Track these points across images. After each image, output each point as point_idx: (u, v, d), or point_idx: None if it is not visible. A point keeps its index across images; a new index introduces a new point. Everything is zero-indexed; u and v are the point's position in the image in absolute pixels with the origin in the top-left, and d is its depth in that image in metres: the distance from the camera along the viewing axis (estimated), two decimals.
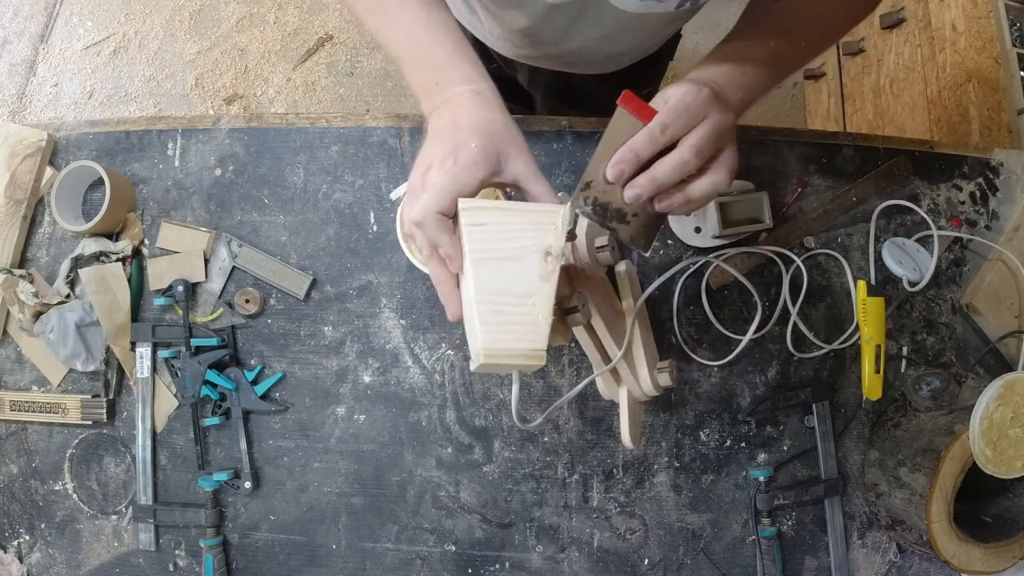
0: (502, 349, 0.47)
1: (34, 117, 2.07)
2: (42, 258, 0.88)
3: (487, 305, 0.48)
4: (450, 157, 0.50)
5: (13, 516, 0.85)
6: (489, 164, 0.51)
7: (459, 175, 0.49)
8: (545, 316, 0.48)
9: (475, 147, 0.50)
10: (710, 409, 0.84)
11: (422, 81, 0.55)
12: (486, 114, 0.52)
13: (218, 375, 0.83)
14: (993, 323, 0.85)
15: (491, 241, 0.49)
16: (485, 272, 0.48)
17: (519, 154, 0.52)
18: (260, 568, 0.83)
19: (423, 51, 0.55)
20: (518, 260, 0.49)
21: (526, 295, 0.48)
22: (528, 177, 0.53)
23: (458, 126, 0.51)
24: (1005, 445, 0.71)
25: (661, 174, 0.51)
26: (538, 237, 0.50)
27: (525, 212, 0.50)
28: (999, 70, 1.37)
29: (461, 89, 0.53)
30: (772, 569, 0.80)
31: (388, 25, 0.57)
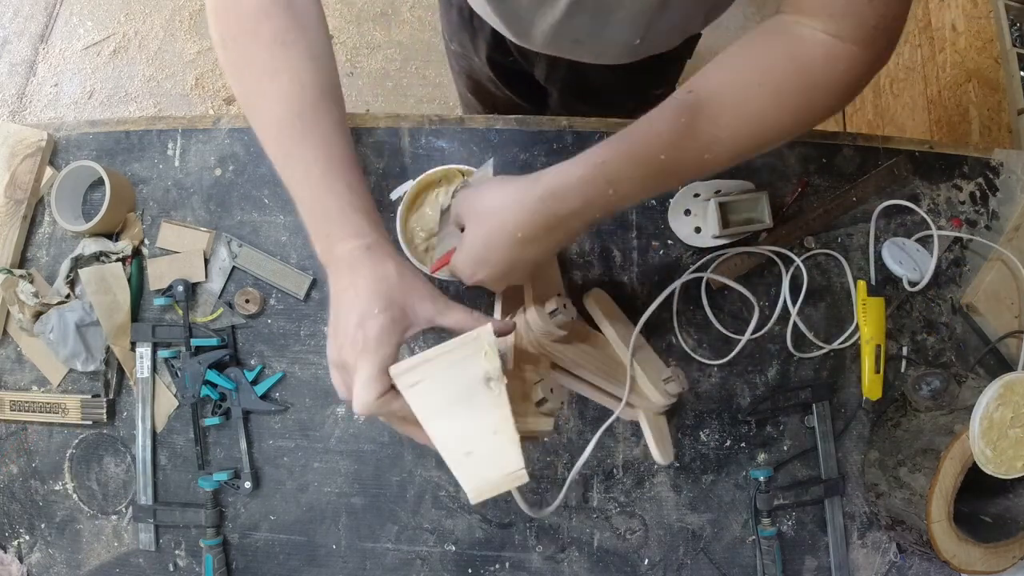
0: (485, 486, 0.48)
1: (34, 117, 2.07)
2: (42, 258, 0.88)
3: (454, 452, 0.49)
4: (359, 332, 0.51)
5: (13, 516, 0.85)
6: (397, 326, 0.52)
7: (375, 352, 0.50)
8: (511, 439, 0.48)
9: (378, 313, 0.51)
10: (710, 409, 0.84)
11: (315, 230, 0.55)
12: (378, 272, 0.53)
13: (218, 375, 0.83)
14: (993, 323, 0.85)
15: (434, 393, 0.49)
16: (440, 424, 0.49)
17: (422, 299, 0.54)
18: (260, 568, 0.83)
19: (317, 196, 0.55)
20: (466, 400, 0.49)
21: (486, 428, 0.49)
22: (439, 314, 0.54)
23: (357, 293, 0.52)
24: (1005, 445, 0.71)
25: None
26: (475, 368, 0.49)
27: (453, 351, 0.50)
28: (999, 70, 1.37)
29: (352, 245, 0.53)
30: (772, 569, 0.80)
31: (288, 161, 0.55)
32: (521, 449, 0.48)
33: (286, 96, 0.54)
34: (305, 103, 0.54)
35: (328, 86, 0.56)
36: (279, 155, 0.56)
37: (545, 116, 0.89)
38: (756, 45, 0.54)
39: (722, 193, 0.83)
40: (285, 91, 0.54)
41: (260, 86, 0.55)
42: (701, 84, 0.54)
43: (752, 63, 0.54)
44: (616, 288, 0.84)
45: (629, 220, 0.86)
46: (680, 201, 0.84)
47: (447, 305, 0.54)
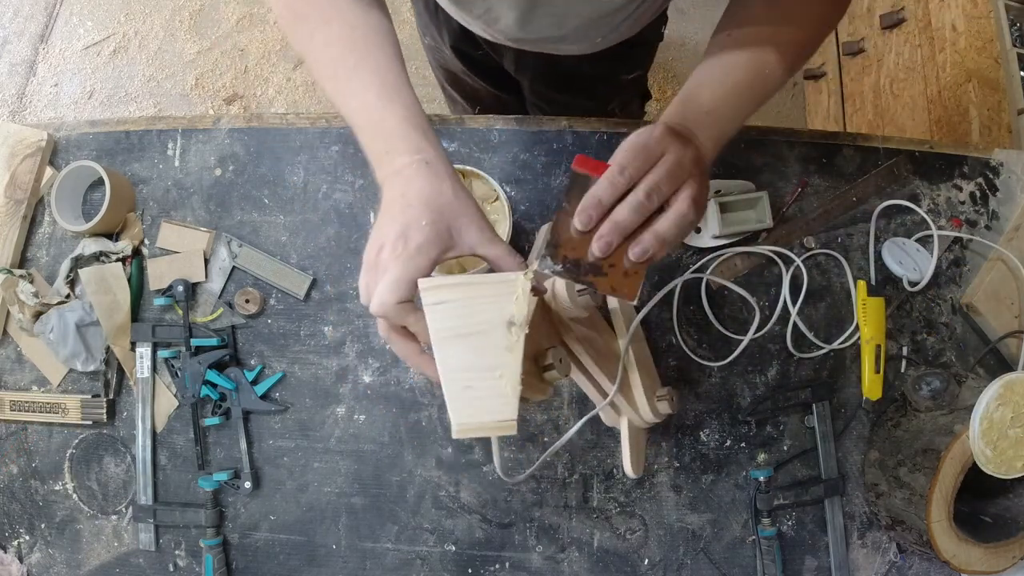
0: (473, 423, 0.48)
1: (34, 117, 2.07)
2: (42, 258, 0.88)
3: (455, 382, 0.48)
4: (401, 239, 0.50)
5: (13, 516, 0.85)
6: (440, 242, 0.51)
7: (411, 259, 0.49)
8: (513, 387, 0.48)
9: (425, 225, 0.50)
10: (710, 409, 0.84)
11: (373, 150, 0.56)
12: (434, 186, 0.52)
13: (218, 375, 0.83)
14: (993, 323, 0.85)
15: (454, 318, 0.49)
16: (450, 350, 0.49)
17: (470, 223, 0.52)
18: (260, 568, 0.83)
19: (373, 119, 0.56)
20: (483, 334, 0.49)
21: (493, 368, 0.48)
22: (483, 244, 0.53)
23: (407, 201, 0.51)
24: (1005, 445, 0.71)
25: (621, 217, 0.50)
26: (501, 308, 0.49)
27: (485, 284, 0.50)
28: (999, 70, 1.37)
29: (409, 159, 0.53)
30: (772, 569, 0.80)
31: (343, 93, 0.57)
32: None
33: (338, 37, 0.58)
34: (356, 40, 0.57)
35: (379, 28, 0.59)
36: (336, 91, 0.57)
37: (545, 116, 0.89)
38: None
39: (722, 193, 0.83)
40: (336, 33, 0.58)
41: (315, 34, 0.58)
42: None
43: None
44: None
45: None
46: None
47: (493, 238, 0.53)
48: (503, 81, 1.04)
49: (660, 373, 0.83)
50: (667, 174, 0.50)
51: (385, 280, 0.49)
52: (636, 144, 0.51)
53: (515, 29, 0.76)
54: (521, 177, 0.87)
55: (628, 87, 1.06)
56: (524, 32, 0.77)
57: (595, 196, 0.51)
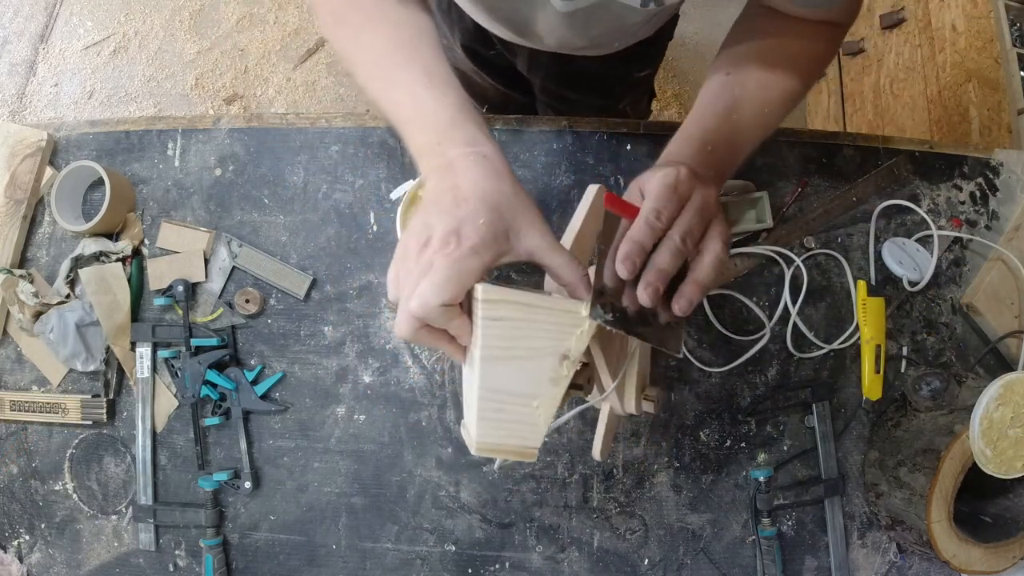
0: (495, 444, 0.46)
1: (34, 117, 2.07)
2: (42, 258, 0.88)
3: (489, 401, 0.46)
4: (453, 236, 0.45)
5: (13, 516, 0.85)
6: (496, 244, 0.46)
7: (462, 261, 0.44)
8: (546, 419, 0.46)
9: (482, 224, 0.45)
10: (710, 409, 0.84)
11: (422, 142, 0.51)
12: (493, 183, 0.48)
13: (218, 375, 0.83)
14: (993, 323, 0.85)
15: (506, 339, 0.45)
16: (494, 369, 0.46)
17: (531, 226, 0.48)
18: (260, 568, 0.83)
19: (425, 110, 0.52)
20: (532, 360, 0.46)
21: (531, 396, 0.46)
22: (543, 250, 0.48)
23: (462, 195, 0.47)
24: (1005, 445, 0.71)
25: (663, 263, 0.48)
26: (558, 339, 0.46)
27: (548, 310, 0.46)
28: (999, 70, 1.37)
29: (465, 151, 0.49)
30: (772, 569, 0.80)
31: (389, 89, 0.54)
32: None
33: (384, 36, 0.55)
34: (403, 39, 0.55)
35: (425, 27, 0.57)
36: (382, 88, 0.54)
37: (545, 116, 0.89)
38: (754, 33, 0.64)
39: (722, 193, 0.83)
40: (382, 33, 0.56)
41: (359, 35, 0.57)
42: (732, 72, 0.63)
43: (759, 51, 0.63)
44: None
45: None
46: None
47: (554, 244, 0.49)
48: (513, 80, 1.04)
49: (658, 372, 0.83)
50: (697, 216, 0.49)
51: (432, 279, 0.44)
52: (666, 186, 0.49)
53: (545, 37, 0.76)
54: (521, 177, 0.87)
55: (639, 84, 1.07)
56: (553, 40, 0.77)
57: (637, 242, 0.48)
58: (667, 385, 0.83)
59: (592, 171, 0.86)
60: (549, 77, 0.98)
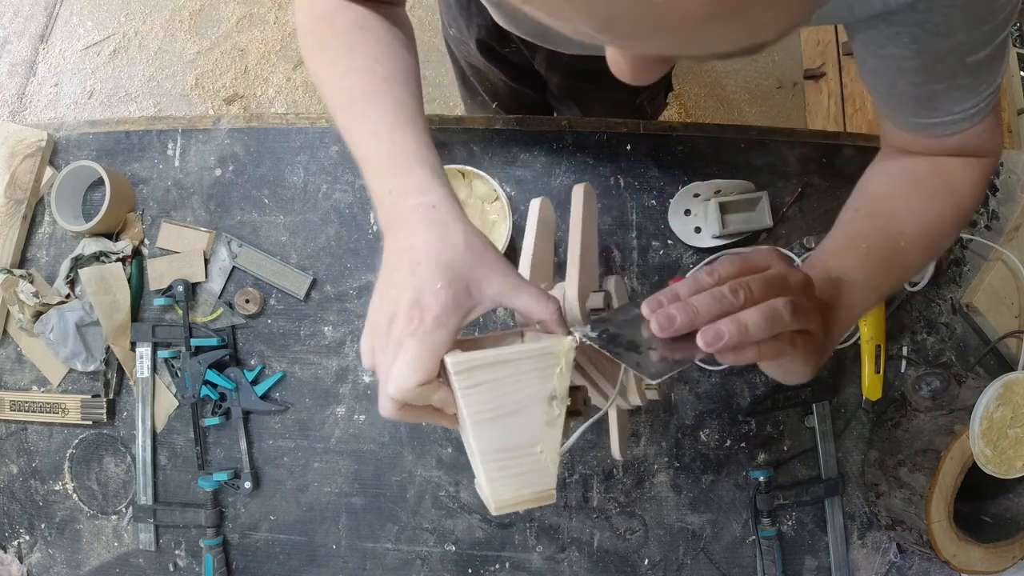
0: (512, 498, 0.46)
1: (34, 117, 2.07)
2: (42, 258, 0.88)
3: (492, 463, 0.45)
4: (416, 308, 0.44)
5: (13, 516, 0.85)
6: (459, 306, 0.45)
7: (429, 335, 0.44)
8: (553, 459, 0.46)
9: (440, 289, 0.44)
10: (710, 409, 0.84)
11: (376, 187, 0.51)
12: (445, 239, 0.46)
13: (218, 375, 0.83)
14: (993, 323, 0.85)
15: (489, 401, 0.44)
16: (486, 433, 0.45)
17: (491, 273, 0.47)
18: (260, 568, 0.83)
19: (381, 153, 0.52)
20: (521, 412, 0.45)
21: (531, 444, 0.45)
22: (508, 294, 0.47)
23: (415, 258, 0.46)
24: (1005, 445, 0.71)
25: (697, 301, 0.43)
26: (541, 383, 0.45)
27: (524, 360, 0.45)
28: None
29: (415, 202, 0.48)
30: (772, 569, 0.80)
31: (354, 123, 0.54)
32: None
33: (359, 68, 0.55)
34: (376, 73, 0.55)
35: (402, 65, 0.57)
36: (348, 120, 0.55)
37: (546, 116, 0.89)
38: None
39: (722, 193, 0.83)
40: (358, 64, 0.56)
41: (336, 62, 0.57)
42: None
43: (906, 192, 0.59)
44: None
45: (629, 220, 0.86)
46: (680, 201, 0.84)
47: (518, 284, 0.47)
48: (526, 76, 1.04)
49: None
50: (764, 281, 0.43)
51: (403, 360, 0.44)
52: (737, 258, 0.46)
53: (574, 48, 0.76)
54: (521, 177, 0.87)
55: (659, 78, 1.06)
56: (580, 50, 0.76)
57: (673, 289, 0.45)
58: (667, 384, 0.83)
59: (592, 171, 0.86)
60: (568, 74, 0.98)
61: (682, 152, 0.87)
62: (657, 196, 0.86)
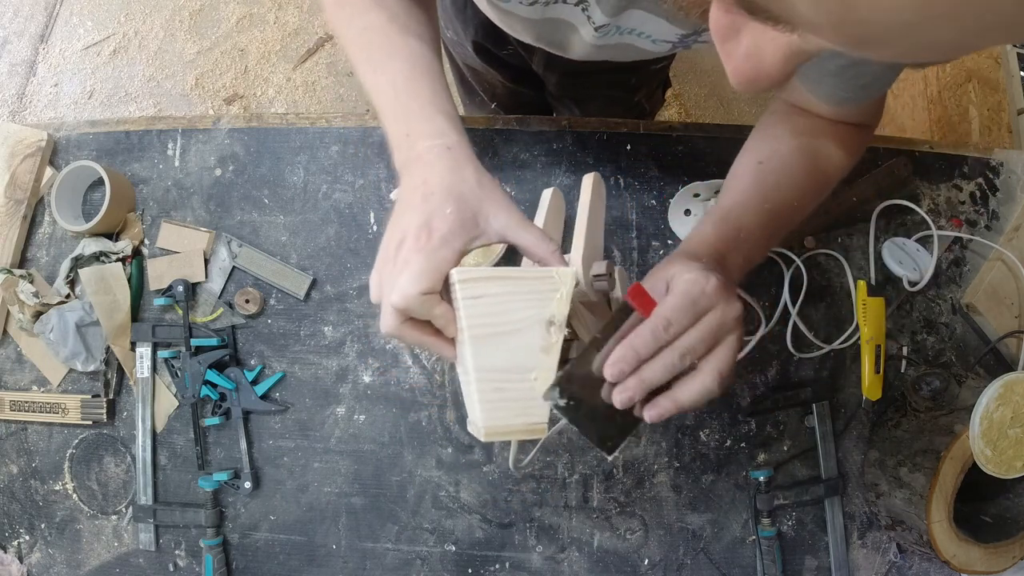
0: (503, 426, 0.46)
1: (34, 117, 2.07)
2: (42, 258, 0.88)
3: (487, 383, 0.46)
4: (424, 229, 0.47)
5: (13, 516, 0.85)
6: (466, 231, 0.48)
7: (436, 250, 0.46)
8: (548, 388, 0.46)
9: (449, 213, 0.47)
10: (710, 409, 0.84)
11: (394, 132, 0.54)
12: (457, 174, 0.50)
13: (218, 375, 0.83)
14: (993, 323, 0.85)
15: (490, 315, 0.46)
16: (484, 349, 0.46)
17: (498, 209, 0.50)
18: (260, 568, 0.83)
19: (399, 100, 0.55)
20: (519, 333, 0.46)
21: (527, 369, 0.46)
22: (512, 228, 0.50)
23: (429, 189, 0.49)
24: (1005, 445, 0.71)
25: (651, 375, 0.47)
26: (540, 306, 0.46)
27: (526, 280, 0.46)
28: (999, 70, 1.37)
29: (431, 144, 0.51)
30: (772, 569, 0.80)
31: (374, 74, 0.56)
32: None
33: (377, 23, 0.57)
34: (395, 28, 0.57)
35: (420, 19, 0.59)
36: (367, 73, 0.57)
37: (546, 116, 0.89)
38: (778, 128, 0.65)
39: None
40: (376, 19, 0.57)
41: (354, 19, 0.58)
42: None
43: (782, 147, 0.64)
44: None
45: (629, 220, 0.86)
46: (680, 201, 0.84)
47: (523, 223, 0.50)
48: (524, 77, 1.04)
49: None
50: (707, 334, 0.48)
51: (409, 272, 0.46)
52: (687, 298, 0.48)
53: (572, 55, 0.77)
54: (521, 177, 0.87)
55: (655, 75, 1.07)
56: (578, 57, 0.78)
57: (634, 350, 0.46)
58: None
59: (592, 171, 0.86)
60: (566, 74, 0.98)
61: (682, 152, 0.87)
62: (657, 196, 0.86)
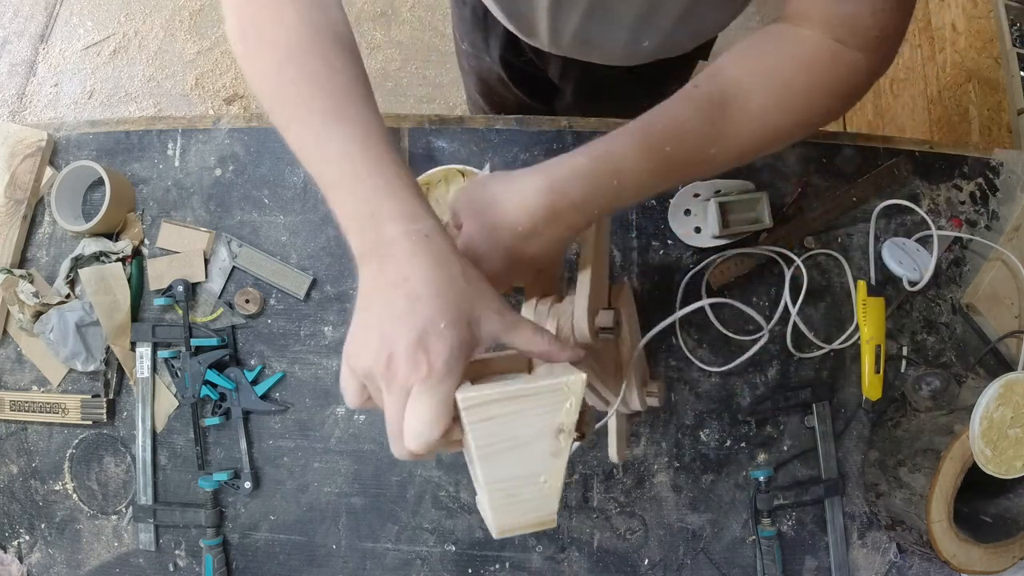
0: (514, 525, 0.46)
1: (34, 117, 2.07)
2: (42, 258, 0.88)
3: (497, 492, 0.46)
4: (421, 352, 0.41)
5: (13, 516, 0.85)
6: (464, 349, 0.42)
7: (442, 382, 0.41)
8: (556, 488, 0.46)
9: (444, 329, 0.41)
10: (710, 409, 0.84)
11: (351, 212, 0.46)
12: (442, 271, 0.43)
13: (218, 375, 0.83)
14: (993, 323, 0.85)
15: (497, 435, 0.44)
16: (493, 465, 0.45)
17: (488, 309, 0.44)
18: (260, 568, 0.83)
19: (357, 174, 0.46)
20: (528, 444, 0.45)
21: (537, 474, 0.46)
22: (506, 331, 0.45)
23: (413, 291, 0.42)
24: (1005, 445, 0.71)
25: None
26: (550, 416, 0.44)
27: (535, 395, 0.44)
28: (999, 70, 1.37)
29: (405, 228, 0.44)
30: (772, 569, 0.80)
31: (318, 139, 0.48)
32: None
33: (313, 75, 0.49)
34: (336, 83, 0.49)
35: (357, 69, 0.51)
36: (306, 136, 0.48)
37: (546, 116, 0.89)
38: (763, 45, 0.53)
39: (722, 193, 0.83)
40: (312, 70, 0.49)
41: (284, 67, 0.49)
42: (707, 80, 0.52)
43: (758, 63, 0.53)
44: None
45: (629, 220, 0.86)
46: (680, 201, 0.84)
47: (516, 321, 0.45)
48: (541, 90, 1.03)
49: (658, 372, 0.83)
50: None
51: (419, 414, 0.41)
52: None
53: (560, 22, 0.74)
54: None
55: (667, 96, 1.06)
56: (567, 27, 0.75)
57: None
58: (667, 385, 0.83)
59: None
60: (580, 88, 0.97)
61: None
62: (657, 196, 0.86)
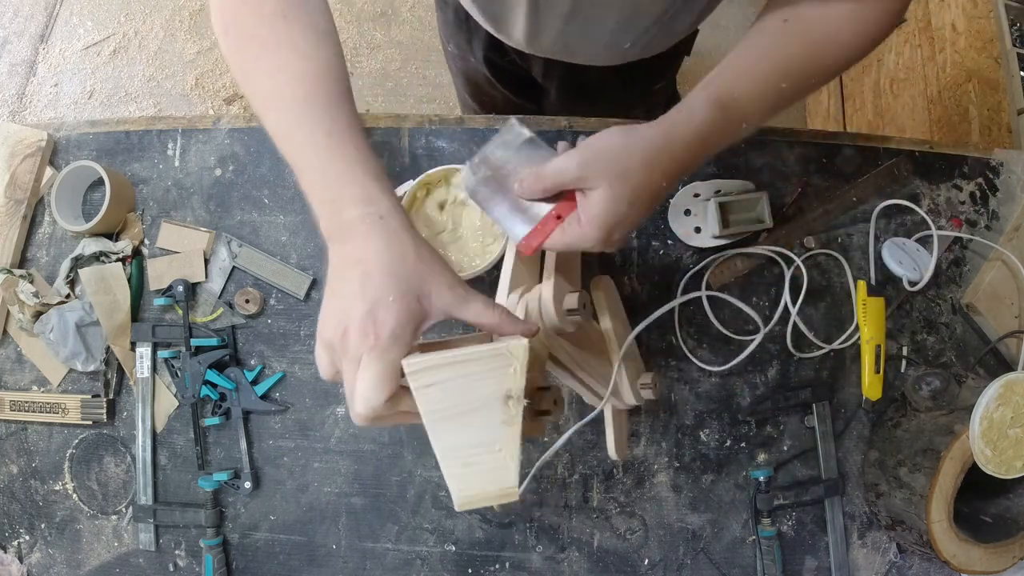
0: (475, 495, 0.47)
1: (34, 117, 2.07)
2: (42, 258, 0.88)
3: (452, 460, 0.46)
4: (369, 322, 0.45)
5: (13, 516, 0.85)
6: (413, 318, 0.46)
7: (388, 350, 0.44)
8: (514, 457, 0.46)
9: (393, 301, 0.45)
10: (710, 409, 0.84)
11: (317, 196, 0.50)
12: (395, 250, 0.47)
13: (218, 375, 0.83)
14: (993, 323, 0.85)
15: (446, 400, 0.45)
16: (444, 431, 0.46)
17: (439, 284, 0.47)
18: (260, 568, 0.83)
19: (321, 159, 0.49)
20: (478, 411, 0.46)
21: (491, 442, 0.46)
22: (456, 305, 0.48)
23: (366, 269, 0.46)
24: (1005, 445, 0.71)
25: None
26: (496, 382, 0.45)
27: (478, 360, 0.45)
28: (999, 70, 1.37)
29: (361, 212, 0.47)
30: (772, 569, 0.80)
31: (287, 127, 0.51)
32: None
33: (287, 65, 0.52)
34: (308, 72, 0.52)
35: (333, 64, 0.53)
36: (279, 123, 0.52)
37: (545, 116, 0.89)
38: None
39: (722, 193, 0.83)
40: (286, 61, 0.52)
41: (259, 62, 0.53)
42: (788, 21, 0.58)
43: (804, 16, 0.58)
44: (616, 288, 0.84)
45: None
46: (680, 201, 0.84)
47: (467, 295, 0.48)
48: (527, 90, 1.03)
49: (658, 372, 0.83)
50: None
51: (366, 380, 0.45)
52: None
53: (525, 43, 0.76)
54: None
55: (655, 97, 1.06)
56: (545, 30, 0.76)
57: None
58: (667, 385, 0.83)
59: None
60: (563, 87, 0.98)
61: None
62: None
